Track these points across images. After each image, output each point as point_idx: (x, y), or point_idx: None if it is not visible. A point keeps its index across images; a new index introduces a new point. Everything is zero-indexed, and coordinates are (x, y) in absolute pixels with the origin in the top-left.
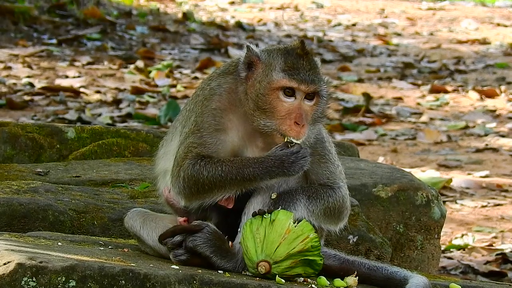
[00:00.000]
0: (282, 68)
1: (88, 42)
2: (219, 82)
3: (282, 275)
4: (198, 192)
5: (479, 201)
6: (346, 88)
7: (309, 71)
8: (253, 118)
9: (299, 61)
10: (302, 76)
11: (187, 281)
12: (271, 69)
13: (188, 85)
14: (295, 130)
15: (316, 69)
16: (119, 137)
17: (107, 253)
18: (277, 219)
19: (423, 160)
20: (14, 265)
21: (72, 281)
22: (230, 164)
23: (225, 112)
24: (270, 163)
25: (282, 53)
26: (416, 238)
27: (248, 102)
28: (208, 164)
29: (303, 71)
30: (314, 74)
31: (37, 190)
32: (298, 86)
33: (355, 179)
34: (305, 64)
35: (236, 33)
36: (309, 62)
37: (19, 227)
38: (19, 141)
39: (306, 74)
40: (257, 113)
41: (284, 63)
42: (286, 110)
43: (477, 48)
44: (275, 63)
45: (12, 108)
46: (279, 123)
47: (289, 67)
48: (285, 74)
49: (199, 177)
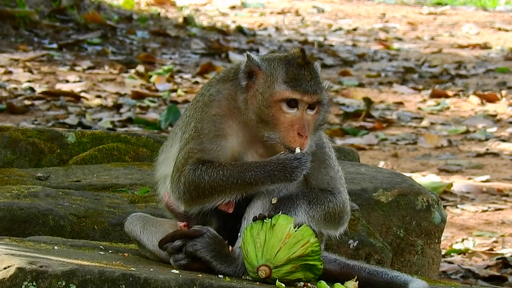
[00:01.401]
0: (284, 80)
1: (89, 46)
2: (218, 88)
3: (282, 280)
4: (198, 197)
5: (479, 205)
6: (347, 93)
7: (311, 81)
8: (257, 129)
9: (301, 71)
10: (305, 87)
11: (187, 286)
12: (273, 81)
13: (188, 90)
14: (298, 141)
15: (317, 78)
16: (120, 141)
17: (107, 258)
18: (277, 223)
19: (423, 164)
20: (14, 270)
21: (72, 285)
22: (232, 168)
23: (225, 118)
24: (272, 167)
25: (283, 63)
26: (417, 242)
27: (248, 112)
28: (210, 169)
29: (305, 81)
30: (316, 84)
31: (37, 195)
32: (301, 97)
33: (355, 183)
34: (306, 74)
35: (237, 38)
36: (310, 71)
37: (20, 231)
38: (20, 146)
39: (308, 84)
40: (260, 125)
41: (286, 74)
42: (289, 122)
43: (478, 53)
44: (276, 74)
45: (13, 112)
46: (283, 135)
47: (291, 78)
48: (287, 86)
49: (200, 182)
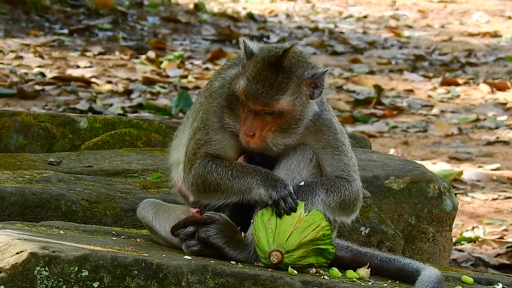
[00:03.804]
0: (247, 76)
1: (100, 32)
2: (224, 77)
3: (294, 265)
4: (205, 191)
5: (489, 193)
6: (357, 80)
7: (266, 87)
8: (223, 114)
9: (264, 72)
10: (253, 92)
11: (200, 272)
12: (243, 72)
13: (199, 76)
14: (245, 138)
15: (278, 85)
16: (132, 127)
17: (120, 243)
18: None
19: (434, 152)
20: (27, 255)
21: (84, 270)
22: (241, 170)
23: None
24: (273, 180)
25: (261, 57)
26: (428, 230)
27: None
28: (220, 167)
29: (259, 85)
30: (267, 92)
31: (49, 180)
32: (246, 100)
33: (367, 171)
34: (268, 77)
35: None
36: (275, 75)
37: (32, 216)
38: (32, 131)
39: (259, 91)
40: (226, 109)
41: (252, 69)
42: (244, 116)
43: (488, 41)
44: (248, 65)
45: (23, 98)
46: (240, 127)
47: (252, 76)
48: (243, 84)
49: (208, 177)
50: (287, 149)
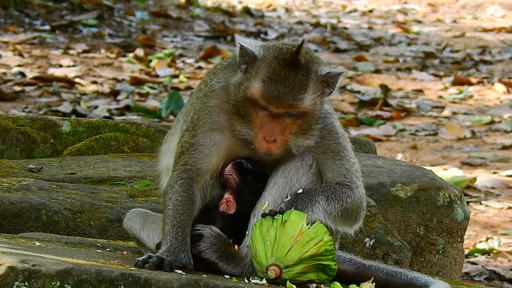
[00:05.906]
0: (262, 78)
1: (84, 28)
2: (220, 78)
3: (293, 281)
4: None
5: (505, 202)
6: (362, 80)
7: (287, 87)
8: (232, 121)
9: (282, 71)
10: (275, 95)
11: (191, 287)
12: (256, 74)
13: (191, 76)
14: (265, 146)
15: (299, 84)
16: (118, 131)
17: (105, 256)
18: (289, 220)
19: (445, 157)
20: (5, 269)
21: (67, 285)
22: (177, 214)
23: (223, 111)
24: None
25: (273, 56)
26: (438, 241)
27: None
28: (175, 195)
29: (280, 87)
30: (290, 93)
31: (29, 188)
32: (268, 105)
33: (372, 177)
34: (287, 76)
35: (244, 20)
36: (294, 74)
37: (10, 227)
38: (10, 135)
39: (280, 93)
40: (235, 117)
41: (267, 71)
42: (260, 121)
43: (503, 37)
44: (260, 67)
45: (2, 99)
46: (254, 134)
47: (269, 78)
48: (260, 87)
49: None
50: (285, 155)
